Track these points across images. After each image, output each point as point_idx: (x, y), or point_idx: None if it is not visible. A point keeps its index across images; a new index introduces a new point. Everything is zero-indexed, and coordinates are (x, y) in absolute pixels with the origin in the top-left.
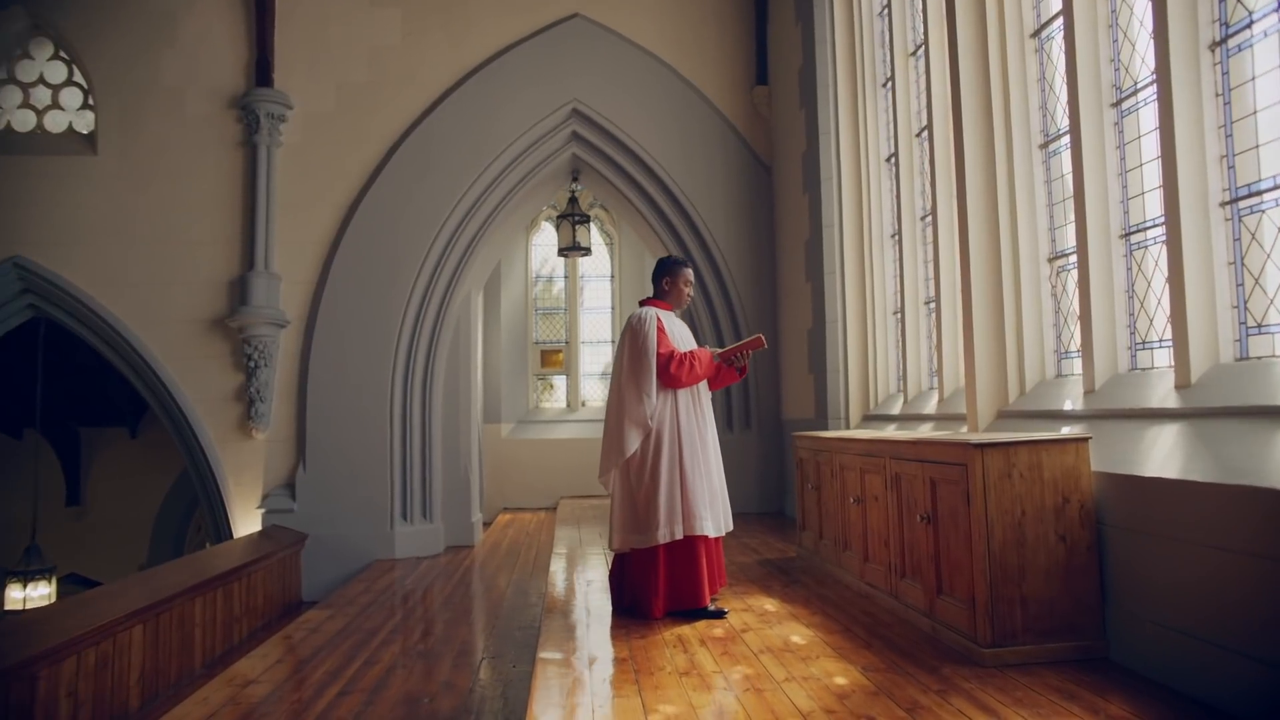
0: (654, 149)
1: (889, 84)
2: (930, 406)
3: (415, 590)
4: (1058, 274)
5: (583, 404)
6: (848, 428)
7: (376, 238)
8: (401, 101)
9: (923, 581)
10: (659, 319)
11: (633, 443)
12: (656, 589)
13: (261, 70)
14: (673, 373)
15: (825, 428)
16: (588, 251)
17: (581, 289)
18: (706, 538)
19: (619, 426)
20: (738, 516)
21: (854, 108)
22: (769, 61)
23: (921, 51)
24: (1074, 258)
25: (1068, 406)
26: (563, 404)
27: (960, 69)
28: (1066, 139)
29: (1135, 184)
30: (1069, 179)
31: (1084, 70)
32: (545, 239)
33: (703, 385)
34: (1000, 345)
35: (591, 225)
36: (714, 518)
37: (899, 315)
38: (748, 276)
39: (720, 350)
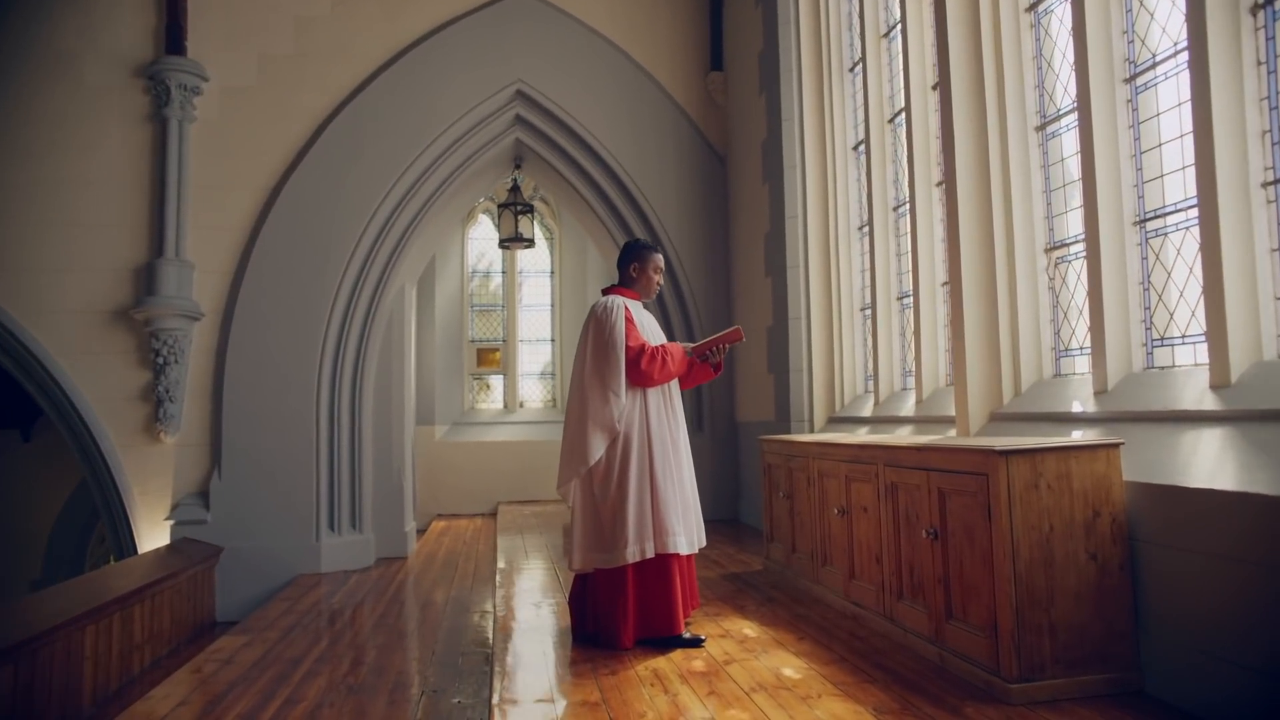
0: (603, 135)
1: (857, 68)
2: (907, 408)
3: (344, 609)
4: (1056, 265)
5: (521, 405)
6: (812, 431)
7: (302, 224)
8: (331, 77)
9: (928, 604)
10: (627, 309)
11: (597, 448)
12: (625, 614)
13: (172, 37)
14: (643, 369)
15: (787, 430)
16: (530, 243)
17: (520, 285)
18: (679, 555)
19: (581, 430)
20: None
21: (819, 93)
22: (724, 46)
23: (896, 33)
24: (1076, 248)
25: (1077, 408)
26: (500, 405)
27: (950, 47)
28: (1066, 120)
29: (1151, 167)
30: (1070, 163)
31: (1094, 43)
32: (482, 232)
33: (674, 384)
34: (993, 342)
35: (534, 216)
36: (687, 532)
37: (868, 312)
38: (701, 272)
39: (694, 345)
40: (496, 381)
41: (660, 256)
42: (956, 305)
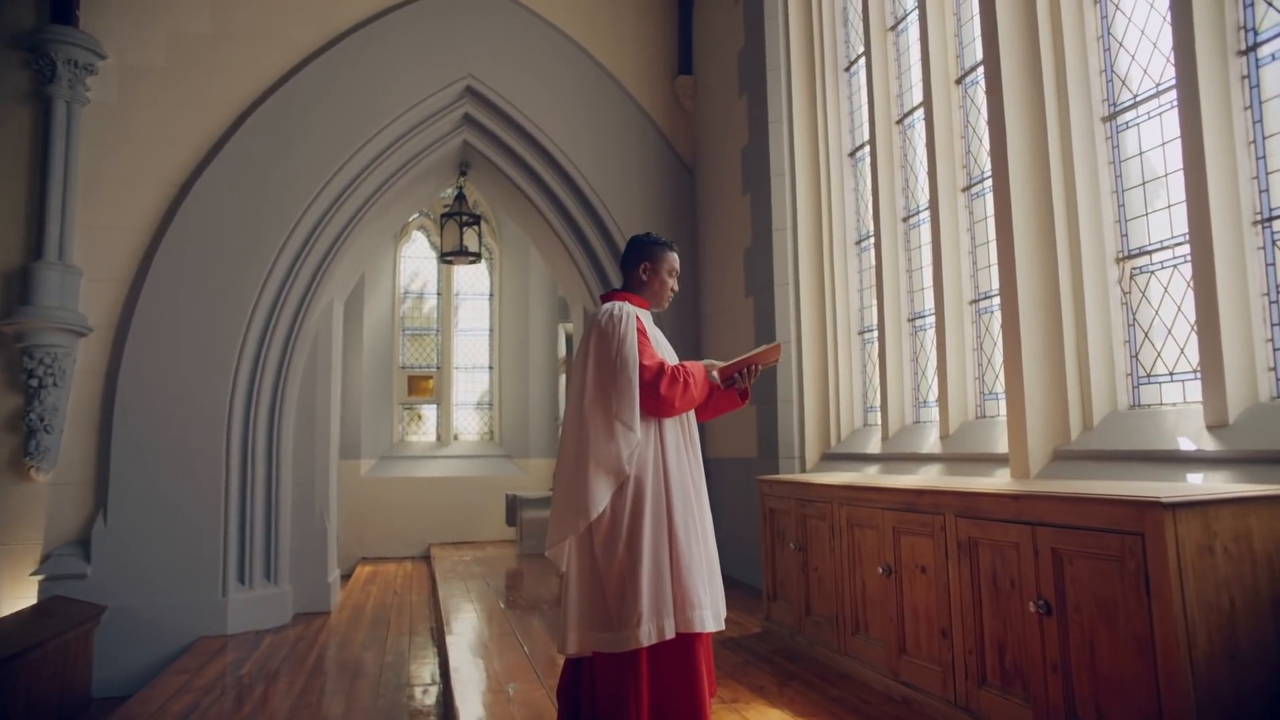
0: (562, 141)
1: (855, 67)
2: (929, 444)
3: (254, 684)
4: (1130, 277)
5: (455, 438)
6: (804, 469)
7: (216, 227)
8: (254, 61)
9: (1032, 698)
10: (638, 318)
11: (601, 497)
12: (637, 712)
13: (60, 3)
14: (663, 394)
15: (775, 469)
16: (477, 258)
17: (457, 308)
18: (704, 635)
19: (579, 474)
20: None
21: (811, 94)
22: (694, 47)
23: (906, 24)
24: (1160, 256)
25: (1186, 446)
26: (432, 437)
27: (1000, 29)
28: (1148, 106)
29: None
30: (1151, 157)
31: (1200, 12)
32: (416, 250)
33: (690, 416)
34: (1057, 368)
35: (480, 229)
36: (714, 603)
37: (869, 335)
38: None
39: (721, 364)
40: (429, 412)
41: (676, 256)
42: (1011, 325)
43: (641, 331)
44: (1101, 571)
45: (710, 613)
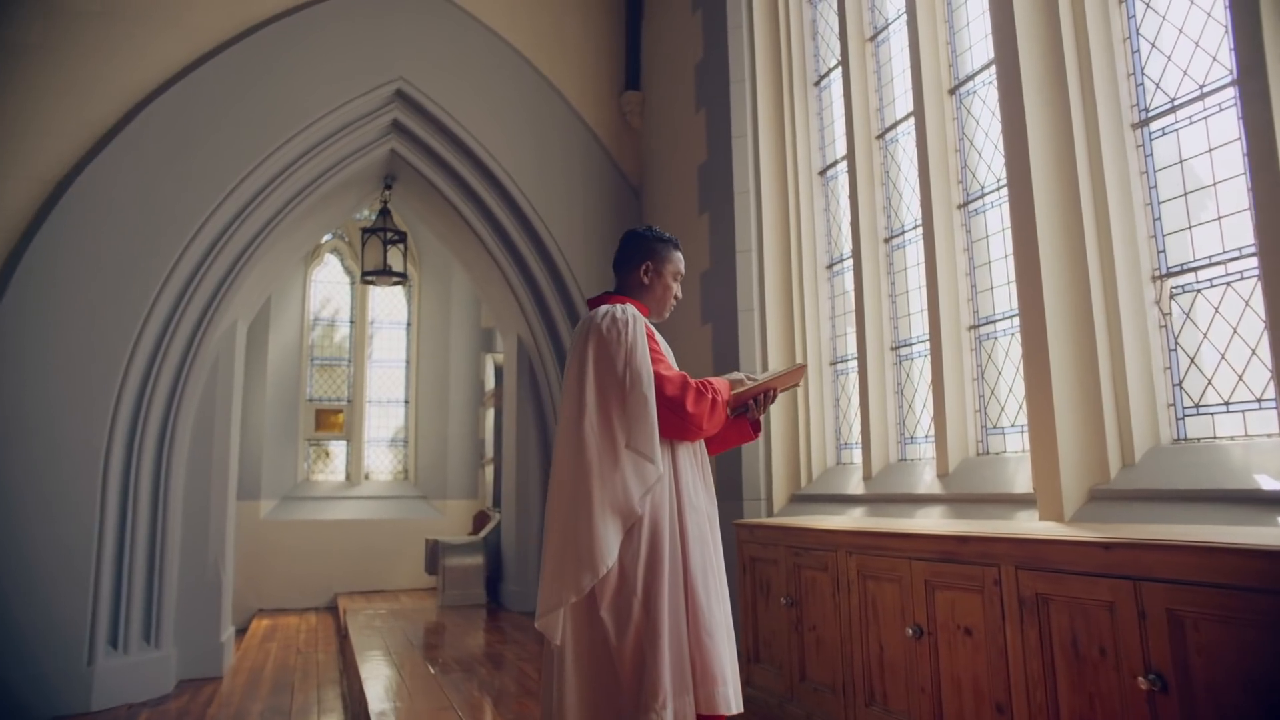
0: (502, 155)
1: (825, 81)
2: (921, 484)
3: None
4: (1171, 297)
5: (366, 477)
6: (771, 512)
7: (99, 232)
8: (154, 48)
9: None
10: (647, 325)
11: (611, 545)
12: None
13: None
14: (690, 411)
15: (739, 512)
16: (402, 279)
17: (371, 337)
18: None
19: (583, 517)
20: None
21: (778, 108)
22: (643, 61)
23: (889, 34)
24: (1209, 273)
25: (1268, 484)
26: (341, 476)
27: (1017, 29)
28: (1189, 110)
29: None
30: (1194, 164)
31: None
32: (328, 274)
33: (702, 444)
34: (1091, 398)
35: (406, 249)
36: (735, 678)
37: (843, 366)
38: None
39: (741, 387)
40: (338, 449)
41: (682, 257)
42: (1036, 351)
43: (651, 338)
44: (1245, 642)
45: (734, 690)
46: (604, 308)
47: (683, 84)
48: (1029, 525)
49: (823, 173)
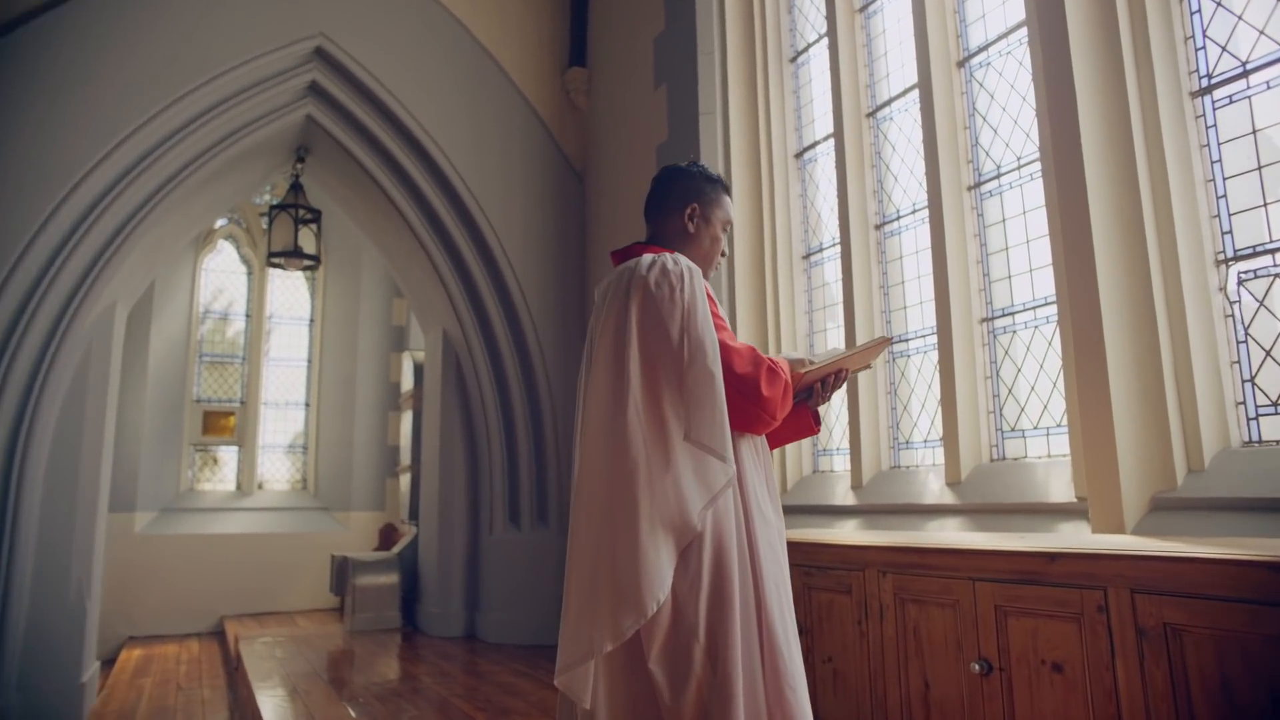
0: (435, 128)
1: (803, 57)
2: (927, 494)
3: None
4: (1239, 283)
5: (260, 486)
6: None
7: None
8: None
9: None
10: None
11: (663, 573)
12: None
13: None
14: (765, 395)
15: None
16: (314, 263)
17: (269, 333)
18: None
19: (623, 536)
20: (531, 650)
21: (751, 86)
22: (590, 36)
23: (878, 7)
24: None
25: None
26: (231, 485)
27: None
28: (1266, 74)
29: None
30: (1269, 135)
31: None
32: (223, 262)
33: (763, 443)
34: (1153, 396)
35: (320, 229)
36: None
37: None
38: (552, 317)
39: (808, 363)
40: (228, 455)
41: (731, 203)
42: (1087, 342)
43: (711, 299)
44: None
45: None
46: (648, 256)
47: (639, 58)
48: (1144, 542)
49: (800, 155)
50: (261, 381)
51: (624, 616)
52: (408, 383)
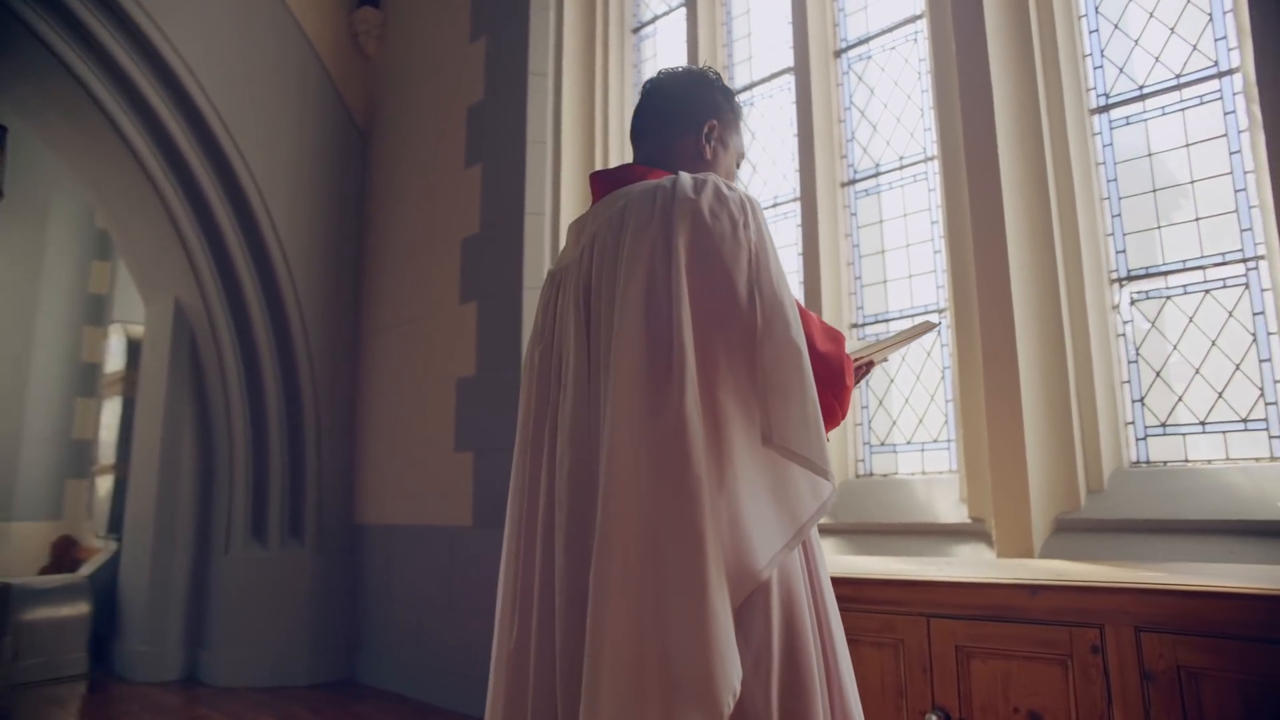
0: (186, 45)
1: (649, 29)
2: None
3: None
4: (1131, 304)
5: None
6: None
7: None
8: None
9: None
10: None
11: (734, 656)
12: None
13: None
14: (848, 386)
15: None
16: None
17: None
18: None
19: (686, 600)
20: (275, 694)
21: (589, 47)
22: None
23: None
24: (1183, 279)
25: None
26: None
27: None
28: (1160, 101)
29: None
30: (1164, 160)
31: None
32: None
33: None
34: (1057, 414)
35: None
36: None
37: None
38: (322, 290)
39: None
40: None
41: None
42: (997, 355)
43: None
44: None
45: None
46: (686, 175)
47: (451, 4)
48: (1147, 574)
49: None
50: None
51: (695, 709)
52: (115, 363)
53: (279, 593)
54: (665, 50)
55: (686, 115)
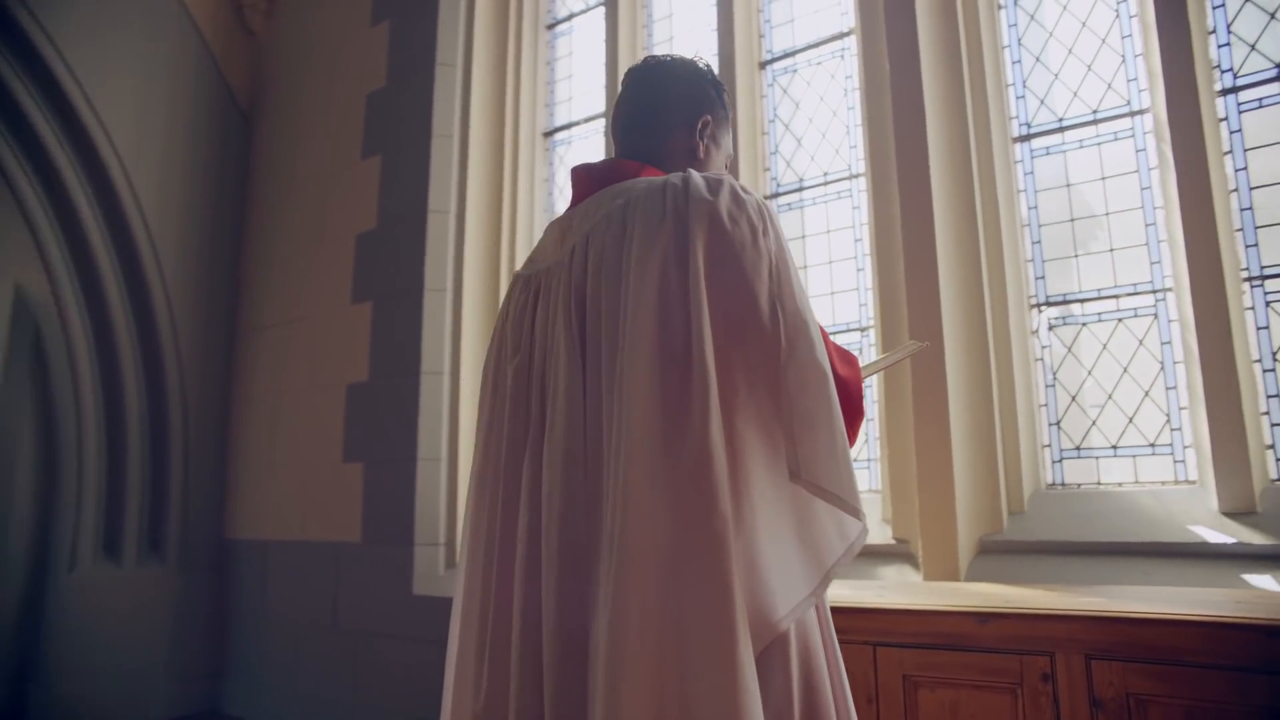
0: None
1: (564, 27)
2: None
3: None
4: (1049, 330)
5: None
6: (452, 562)
7: None
8: None
9: None
10: None
11: (760, 715)
12: None
13: None
14: (863, 411)
15: (408, 560)
16: None
17: None
18: None
19: (713, 656)
20: None
21: (502, 42)
22: None
23: None
24: (1098, 307)
25: (1209, 536)
26: None
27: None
28: (1079, 134)
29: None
30: (1082, 190)
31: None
32: None
33: None
34: (981, 436)
35: None
36: None
37: None
38: (193, 281)
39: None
40: None
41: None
42: (922, 372)
43: None
44: None
45: None
46: (697, 174)
47: None
48: (1102, 601)
49: (550, 135)
50: None
51: None
52: None
53: (134, 617)
54: (581, 49)
55: (678, 109)
